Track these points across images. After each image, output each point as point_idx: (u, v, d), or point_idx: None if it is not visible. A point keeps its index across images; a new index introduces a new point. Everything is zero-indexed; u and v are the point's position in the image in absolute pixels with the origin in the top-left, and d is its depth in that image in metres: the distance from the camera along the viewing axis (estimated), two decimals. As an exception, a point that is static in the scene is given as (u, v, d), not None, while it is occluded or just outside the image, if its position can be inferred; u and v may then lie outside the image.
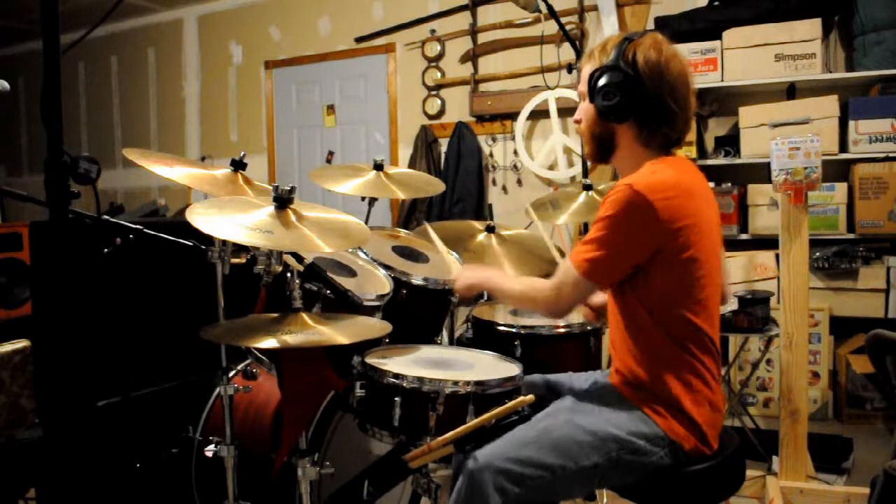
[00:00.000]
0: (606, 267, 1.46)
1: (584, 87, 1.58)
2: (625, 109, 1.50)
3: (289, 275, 1.57)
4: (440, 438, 1.45)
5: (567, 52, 4.05)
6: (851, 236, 3.35)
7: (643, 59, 1.48)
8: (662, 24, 3.75)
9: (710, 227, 1.51)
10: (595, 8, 4.10)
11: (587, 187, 2.45)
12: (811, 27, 3.37)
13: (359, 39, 4.95)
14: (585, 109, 1.59)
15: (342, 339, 1.45)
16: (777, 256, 2.67)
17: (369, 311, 1.81)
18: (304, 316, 1.53)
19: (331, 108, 5.14)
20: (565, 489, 1.46)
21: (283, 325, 1.48)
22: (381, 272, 2.02)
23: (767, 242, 3.34)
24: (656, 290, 1.46)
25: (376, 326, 1.62)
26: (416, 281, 2.03)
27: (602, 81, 1.50)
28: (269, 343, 1.41)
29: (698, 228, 1.45)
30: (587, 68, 1.57)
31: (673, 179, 1.45)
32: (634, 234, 1.43)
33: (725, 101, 3.79)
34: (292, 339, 1.43)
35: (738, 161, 3.56)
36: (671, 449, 1.45)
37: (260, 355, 1.78)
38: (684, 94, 1.51)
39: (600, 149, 1.61)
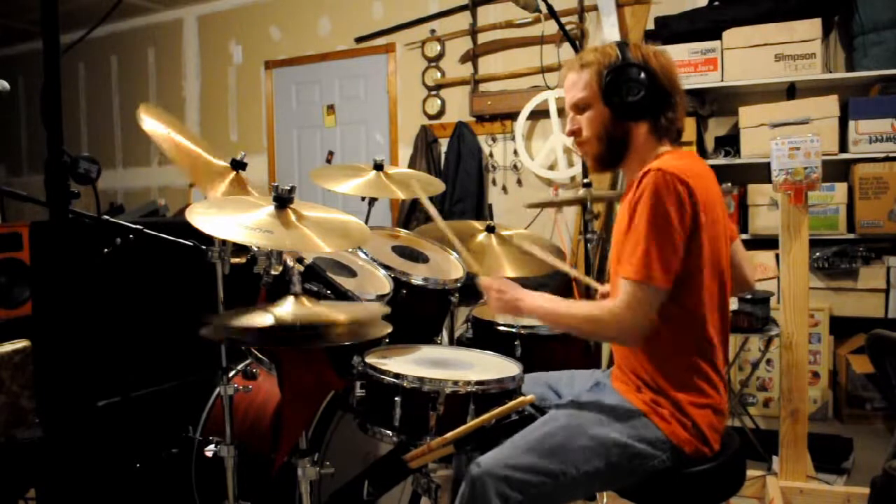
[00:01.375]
0: (663, 261, 1.38)
1: (584, 92, 1.55)
2: (648, 105, 1.50)
3: (288, 262, 1.56)
4: (440, 438, 1.45)
5: (567, 52, 4.05)
6: (851, 236, 3.35)
7: (654, 57, 1.51)
8: (662, 24, 3.75)
9: (720, 227, 1.51)
10: (595, 8, 4.10)
11: (587, 186, 2.45)
12: (811, 27, 3.37)
13: (359, 39, 4.95)
14: (593, 116, 1.55)
15: (340, 317, 1.44)
16: (777, 256, 2.67)
17: (369, 311, 1.80)
18: (303, 299, 1.52)
19: (331, 108, 5.14)
20: (567, 494, 1.45)
21: (281, 307, 1.47)
22: (381, 272, 2.03)
23: (767, 242, 3.34)
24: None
25: (374, 309, 1.61)
26: (416, 281, 2.03)
27: (624, 79, 1.49)
28: (267, 320, 1.39)
29: (713, 224, 1.46)
30: (584, 74, 1.55)
31: (696, 168, 1.46)
32: (679, 217, 1.39)
33: (725, 101, 3.79)
34: (289, 314, 1.41)
35: (738, 161, 3.56)
36: (673, 453, 1.45)
37: (260, 355, 1.78)
38: (682, 91, 1.56)
39: (613, 152, 1.57)
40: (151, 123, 1.71)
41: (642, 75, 1.48)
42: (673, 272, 1.39)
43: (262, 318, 1.40)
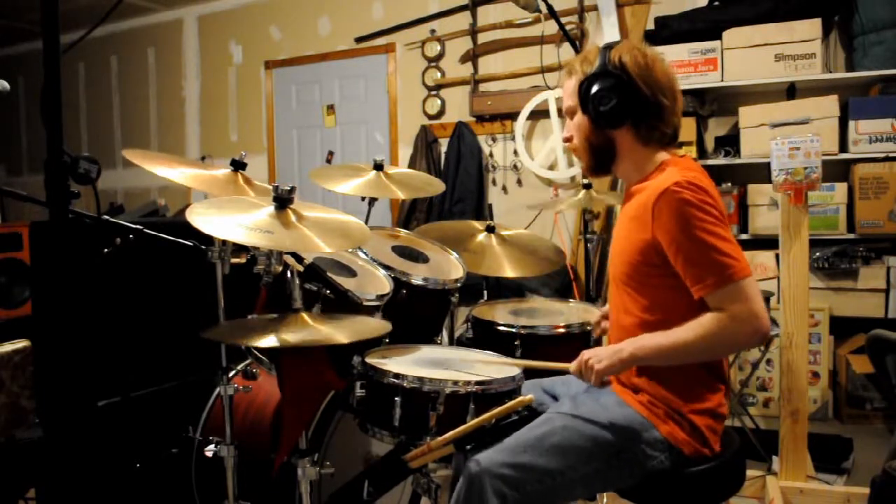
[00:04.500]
0: (731, 254, 1.37)
1: (571, 101, 1.57)
2: (622, 112, 1.49)
3: (289, 275, 1.57)
4: (440, 438, 1.45)
5: (567, 52, 4.05)
6: (851, 236, 3.35)
7: (631, 60, 1.49)
8: (662, 24, 3.75)
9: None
10: (595, 8, 4.10)
11: (587, 187, 2.45)
12: (811, 27, 3.37)
13: (359, 39, 4.94)
14: (578, 123, 1.57)
15: (342, 339, 1.45)
16: (777, 256, 2.67)
17: (369, 311, 1.81)
18: (304, 316, 1.53)
19: (331, 108, 5.14)
20: (564, 493, 1.45)
21: (283, 325, 1.48)
22: (381, 272, 2.02)
23: (767, 242, 3.34)
24: (672, 291, 1.45)
25: (376, 326, 1.62)
26: (416, 281, 2.03)
27: (595, 88, 1.50)
28: (269, 342, 1.41)
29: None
30: (571, 82, 1.57)
31: (703, 180, 1.46)
32: (713, 216, 1.39)
33: (725, 101, 3.78)
34: (292, 337, 1.43)
35: (738, 161, 3.56)
36: (671, 454, 1.45)
37: (260, 355, 1.78)
38: (673, 90, 1.53)
39: (600, 160, 1.58)
40: (163, 171, 1.73)
41: (614, 83, 1.48)
42: (744, 257, 1.38)
43: (265, 340, 1.41)
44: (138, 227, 1.88)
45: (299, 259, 1.64)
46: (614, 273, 1.58)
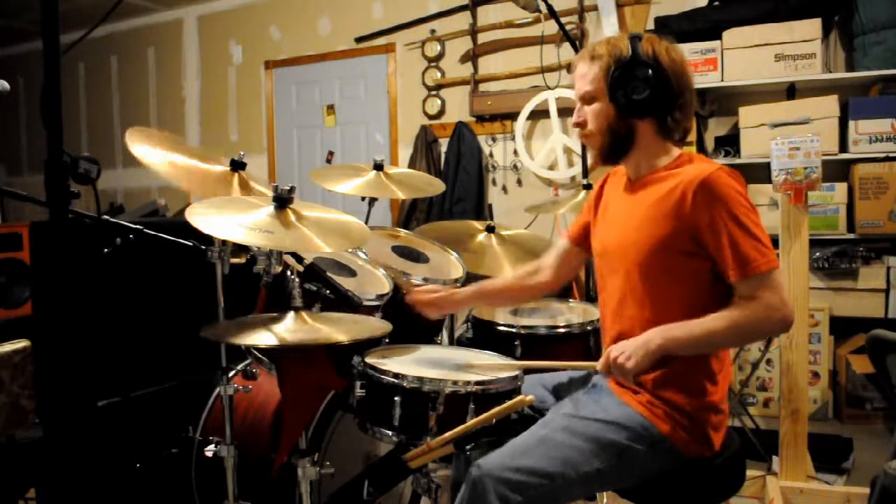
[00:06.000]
0: (770, 245, 1.44)
1: (591, 86, 1.53)
2: (653, 104, 1.48)
3: (289, 273, 1.57)
4: (440, 438, 1.45)
5: (567, 52, 4.05)
6: (851, 236, 3.35)
7: (666, 55, 1.48)
8: (662, 24, 3.75)
9: None
10: (595, 8, 4.10)
11: (587, 187, 2.45)
12: (811, 27, 3.37)
13: (359, 39, 4.95)
14: (598, 110, 1.53)
15: (341, 338, 1.45)
16: (777, 256, 2.67)
17: (369, 311, 1.81)
18: (304, 315, 1.53)
19: (331, 108, 5.14)
20: (566, 495, 1.45)
21: (283, 324, 1.48)
22: (381, 272, 2.02)
23: (767, 242, 3.34)
24: (682, 289, 1.45)
25: (376, 325, 1.62)
26: (416, 281, 2.03)
27: (629, 77, 1.47)
28: (269, 340, 1.41)
29: None
30: (594, 68, 1.52)
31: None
32: (754, 206, 1.48)
33: (725, 101, 3.78)
34: (291, 336, 1.43)
35: (738, 161, 3.56)
36: (671, 454, 1.45)
37: (260, 355, 1.78)
38: (693, 89, 1.54)
39: (616, 148, 1.55)
40: (142, 150, 1.67)
41: (649, 73, 1.46)
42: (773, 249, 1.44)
43: (264, 338, 1.41)
44: (138, 227, 1.88)
45: (299, 259, 1.64)
46: (626, 264, 1.53)
